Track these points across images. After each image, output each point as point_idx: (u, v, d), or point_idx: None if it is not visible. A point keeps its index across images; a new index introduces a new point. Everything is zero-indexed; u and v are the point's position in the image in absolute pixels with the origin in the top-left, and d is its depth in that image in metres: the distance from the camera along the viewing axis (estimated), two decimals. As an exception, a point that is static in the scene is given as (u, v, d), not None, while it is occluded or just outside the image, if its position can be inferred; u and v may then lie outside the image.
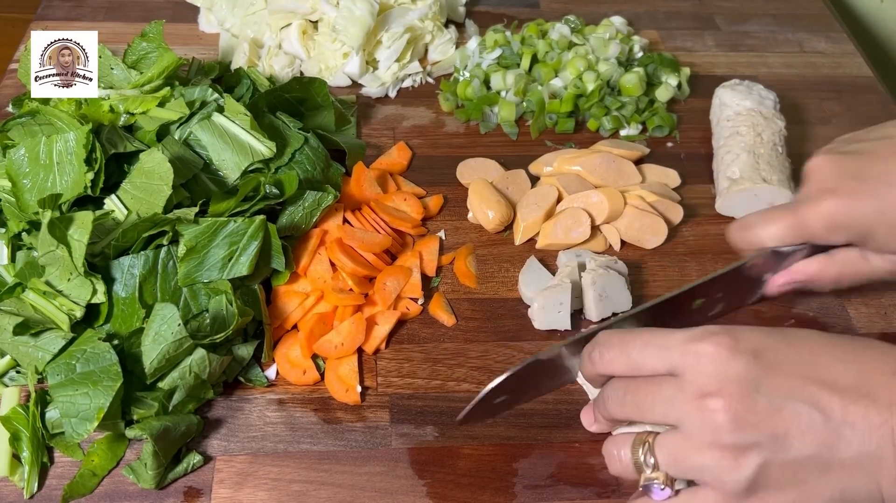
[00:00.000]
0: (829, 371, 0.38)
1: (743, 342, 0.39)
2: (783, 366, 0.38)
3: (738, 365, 0.38)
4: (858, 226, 0.47)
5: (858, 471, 0.37)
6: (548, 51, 0.82)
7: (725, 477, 0.37)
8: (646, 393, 0.41)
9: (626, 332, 0.42)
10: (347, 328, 0.58)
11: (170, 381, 0.52)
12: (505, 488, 0.52)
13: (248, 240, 0.55)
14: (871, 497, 0.37)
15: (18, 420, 0.51)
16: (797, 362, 0.38)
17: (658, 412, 0.40)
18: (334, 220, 0.63)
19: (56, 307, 0.53)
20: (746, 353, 0.38)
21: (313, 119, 0.71)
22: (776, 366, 0.38)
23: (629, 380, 0.42)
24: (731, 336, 0.39)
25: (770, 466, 0.37)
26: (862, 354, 0.39)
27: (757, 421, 0.37)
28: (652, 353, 0.40)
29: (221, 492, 0.51)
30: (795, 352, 0.39)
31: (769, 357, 0.38)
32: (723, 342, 0.38)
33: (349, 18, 0.79)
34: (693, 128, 0.81)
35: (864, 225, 0.47)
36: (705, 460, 0.38)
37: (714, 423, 0.37)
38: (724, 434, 0.37)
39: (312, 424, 0.55)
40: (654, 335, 0.41)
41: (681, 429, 0.39)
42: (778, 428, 0.37)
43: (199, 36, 0.88)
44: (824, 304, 0.65)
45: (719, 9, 0.98)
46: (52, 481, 0.51)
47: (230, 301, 0.54)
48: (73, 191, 0.56)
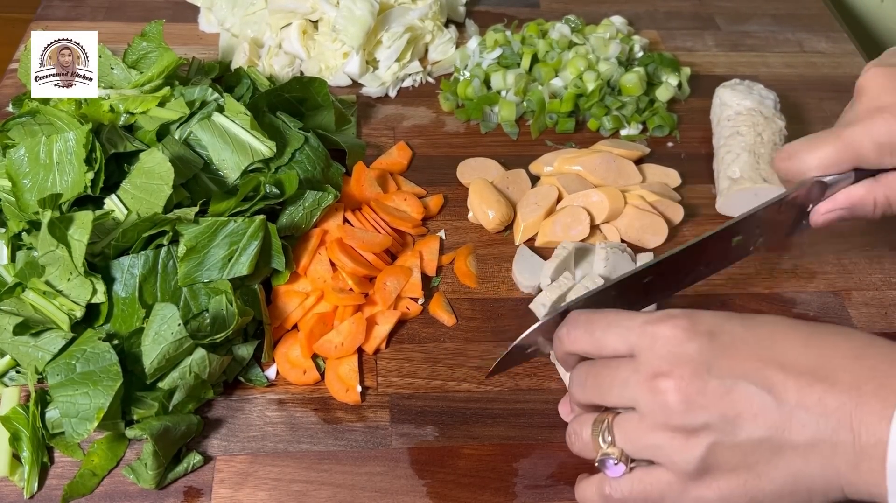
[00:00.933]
0: (786, 354, 0.37)
1: (700, 324, 0.39)
2: (738, 348, 0.38)
3: (691, 346, 0.38)
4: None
5: (813, 456, 0.36)
6: (548, 50, 0.82)
7: (676, 457, 0.38)
8: (605, 375, 0.41)
9: (592, 312, 0.43)
10: (347, 328, 0.58)
11: (170, 381, 0.52)
12: (505, 488, 0.52)
13: (249, 239, 0.55)
14: (828, 482, 0.36)
15: (18, 420, 0.51)
16: (753, 344, 0.38)
17: (615, 394, 0.40)
18: (334, 219, 0.63)
19: (56, 307, 0.53)
20: (702, 335, 0.38)
21: (313, 119, 0.71)
22: (731, 348, 0.38)
23: (591, 363, 0.42)
24: (689, 318, 0.39)
25: (720, 447, 0.37)
26: (825, 338, 0.38)
27: (707, 402, 0.37)
28: (614, 333, 0.41)
29: (221, 492, 0.51)
30: (753, 335, 0.38)
31: (724, 339, 0.38)
32: (679, 324, 0.38)
33: (349, 18, 0.79)
34: (693, 127, 0.81)
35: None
36: (658, 440, 0.38)
37: (665, 404, 0.37)
38: (674, 415, 0.37)
39: (312, 424, 0.55)
40: (617, 316, 0.41)
41: (636, 409, 0.39)
42: (728, 409, 0.37)
43: (199, 36, 0.88)
44: (825, 304, 0.65)
45: (719, 9, 0.98)
46: (52, 481, 0.51)
47: (230, 301, 0.54)
48: (73, 190, 0.56)
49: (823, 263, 0.68)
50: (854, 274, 0.68)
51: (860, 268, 0.68)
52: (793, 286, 0.66)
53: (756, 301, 0.65)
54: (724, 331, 0.39)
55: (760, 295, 0.65)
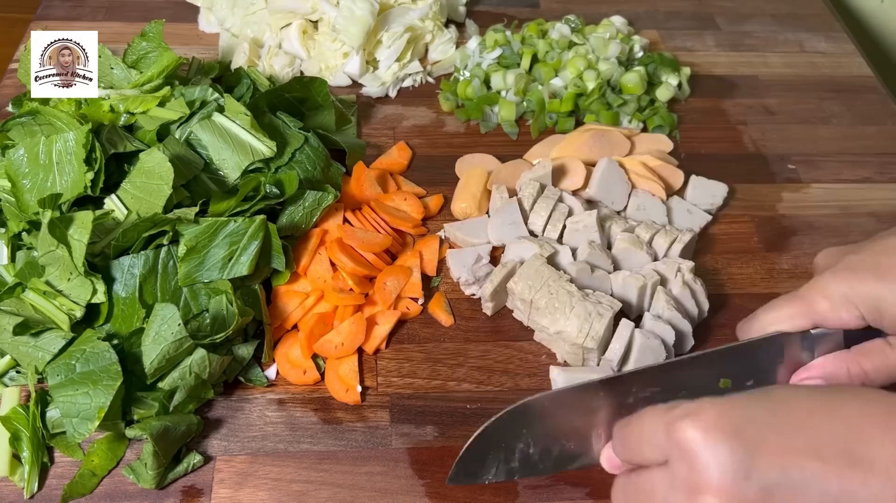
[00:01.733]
0: (816, 437, 0.36)
1: (723, 420, 0.37)
2: (769, 442, 0.37)
3: (722, 451, 0.36)
4: (864, 298, 0.45)
5: None
6: (548, 50, 0.82)
7: None
8: (643, 494, 0.40)
9: (627, 422, 0.41)
10: (347, 328, 0.58)
11: (170, 381, 0.52)
12: (505, 488, 0.52)
13: (249, 240, 0.55)
14: None
15: (19, 420, 0.51)
16: (782, 433, 0.37)
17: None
18: (334, 219, 0.63)
19: (56, 307, 0.53)
20: (728, 435, 0.37)
21: (313, 119, 0.71)
22: (761, 444, 0.37)
23: (629, 477, 0.41)
24: (710, 414, 0.37)
25: None
26: (846, 408, 0.37)
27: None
28: (646, 445, 0.40)
29: (221, 492, 0.51)
30: (778, 422, 0.37)
31: (752, 433, 0.37)
32: (702, 425, 0.37)
33: (349, 18, 0.79)
34: (693, 127, 0.80)
35: (871, 297, 0.45)
36: None
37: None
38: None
39: (312, 424, 0.55)
40: (645, 423, 0.40)
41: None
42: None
43: (199, 36, 0.88)
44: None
45: (719, 8, 0.98)
46: (52, 481, 0.51)
47: (230, 301, 0.54)
48: (72, 191, 0.56)
49: (823, 263, 0.68)
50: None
51: (860, 268, 0.68)
52: (793, 286, 0.66)
53: (756, 301, 0.65)
54: (748, 423, 0.37)
55: (760, 295, 0.65)
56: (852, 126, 0.82)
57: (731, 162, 0.77)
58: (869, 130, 0.82)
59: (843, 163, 0.78)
